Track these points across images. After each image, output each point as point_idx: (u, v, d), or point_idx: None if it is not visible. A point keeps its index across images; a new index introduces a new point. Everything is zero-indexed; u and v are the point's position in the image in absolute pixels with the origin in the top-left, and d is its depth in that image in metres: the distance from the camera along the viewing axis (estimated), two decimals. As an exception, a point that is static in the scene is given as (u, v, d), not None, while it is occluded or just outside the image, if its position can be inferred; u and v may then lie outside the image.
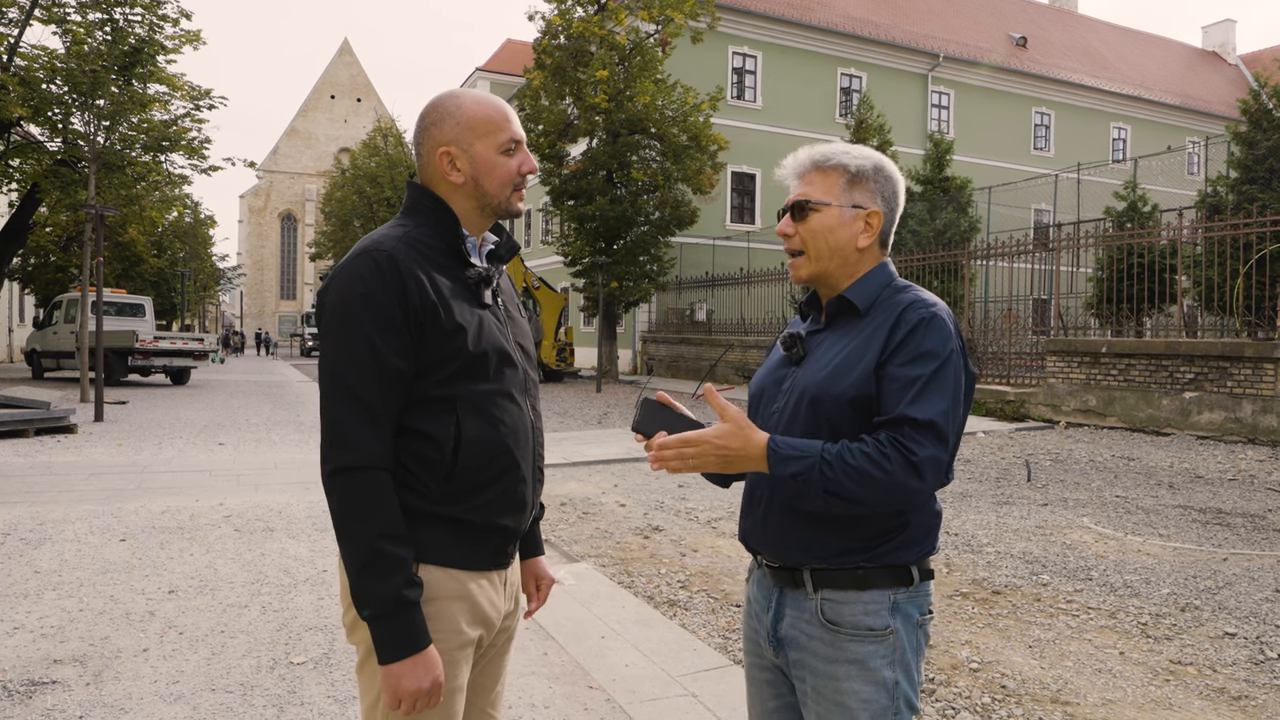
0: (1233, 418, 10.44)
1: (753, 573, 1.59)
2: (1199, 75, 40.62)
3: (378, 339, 1.34)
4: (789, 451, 1.32)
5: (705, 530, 5.82)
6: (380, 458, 1.35)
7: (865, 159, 1.49)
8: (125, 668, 3.25)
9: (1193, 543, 5.53)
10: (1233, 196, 15.21)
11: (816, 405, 1.39)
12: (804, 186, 1.50)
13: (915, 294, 1.44)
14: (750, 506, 1.52)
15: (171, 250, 34.85)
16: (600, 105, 20.20)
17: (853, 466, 1.28)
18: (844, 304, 1.47)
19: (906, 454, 1.28)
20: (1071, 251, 13.82)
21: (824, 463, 1.29)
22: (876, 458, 1.28)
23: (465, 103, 1.48)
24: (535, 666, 3.34)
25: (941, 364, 1.34)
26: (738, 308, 22.30)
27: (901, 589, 1.40)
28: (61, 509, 6.05)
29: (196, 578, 4.47)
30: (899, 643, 1.38)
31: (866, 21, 30.06)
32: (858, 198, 1.47)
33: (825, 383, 1.40)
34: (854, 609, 1.38)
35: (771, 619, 1.48)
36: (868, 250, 1.49)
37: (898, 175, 1.52)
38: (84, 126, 15.20)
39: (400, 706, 1.33)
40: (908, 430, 1.30)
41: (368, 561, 1.32)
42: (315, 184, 74.03)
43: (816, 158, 1.49)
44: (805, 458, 1.31)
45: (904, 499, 1.31)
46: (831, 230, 1.47)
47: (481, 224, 1.53)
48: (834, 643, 1.39)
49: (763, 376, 1.58)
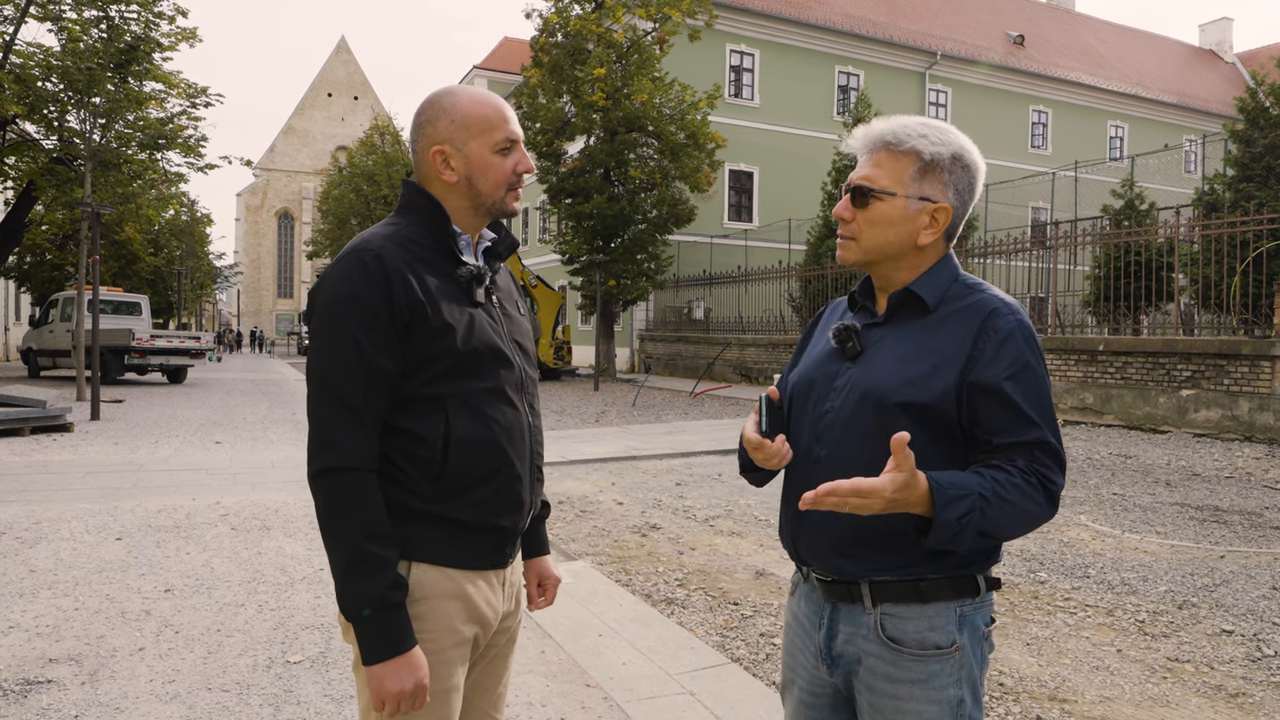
0: (1230, 415, 10.46)
1: (798, 586, 1.47)
2: (1196, 73, 40.65)
3: (363, 339, 1.34)
4: (954, 493, 1.18)
5: (703, 528, 5.82)
6: (365, 458, 1.34)
7: (943, 145, 1.33)
8: (121, 667, 3.24)
9: (1190, 540, 5.53)
10: (1230, 194, 15.21)
11: (882, 406, 1.28)
12: (870, 168, 1.35)
13: (992, 294, 1.33)
14: (797, 513, 1.36)
15: (168, 249, 34.80)
16: (598, 103, 20.18)
17: (1009, 503, 1.19)
18: (910, 297, 1.35)
19: (1048, 485, 1.22)
20: (1069, 249, 13.83)
21: (983, 500, 1.18)
22: (1029, 491, 1.20)
23: (461, 100, 1.46)
24: (533, 665, 3.33)
25: (1045, 378, 1.27)
26: (735, 306, 22.29)
27: (968, 600, 1.30)
28: (57, 508, 6.03)
29: (193, 576, 4.46)
30: (965, 659, 1.29)
31: (864, 20, 30.05)
32: (928, 189, 1.33)
33: (894, 385, 1.28)
34: (918, 624, 1.28)
35: (825, 635, 1.37)
36: (931, 245, 1.36)
37: (978, 163, 1.36)
38: (80, 124, 15.17)
39: (384, 708, 1.32)
40: (1039, 455, 1.22)
41: (352, 562, 1.31)
42: (312, 182, 73.90)
43: (889, 137, 1.34)
44: (967, 498, 1.18)
45: (1036, 528, 1.26)
46: (891, 223, 1.33)
47: (476, 223, 1.52)
48: (896, 661, 1.29)
49: (809, 369, 1.43)
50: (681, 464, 8.68)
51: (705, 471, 8.20)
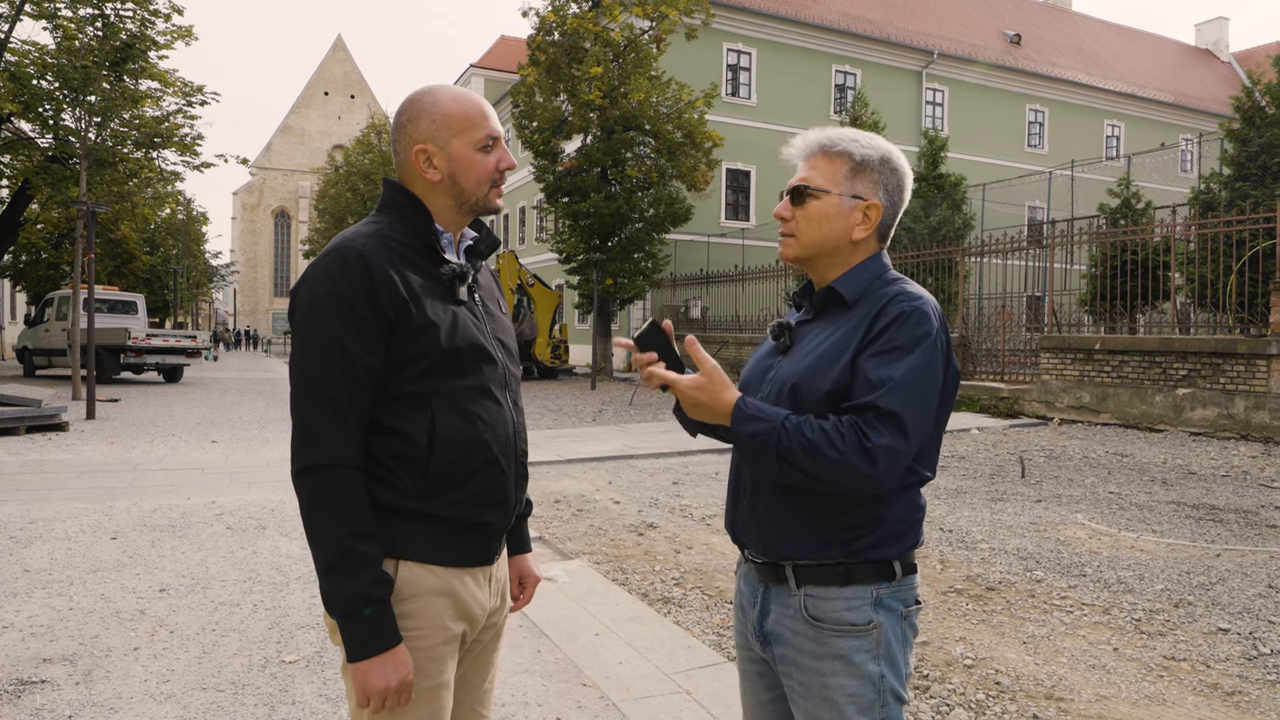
0: (1225, 414, 10.48)
1: (740, 566, 1.58)
2: (1192, 73, 40.73)
3: (346, 337, 1.34)
4: (753, 411, 1.33)
5: (699, 527, 5.81)
6: (349, 456, 1.34)
7: (872, 148, 1.45)
8: (115, 667, 3.23)
9: (1186, 539, 5.54)
10: (1226, 193, 15.26)
11: (797, 396, 1.38)
12: (807, 170, 1.47)
13: (902, 286, 1.41)
14: (736, 498, 1.51)
15: (164, 247, 34.75)
16: (595, 102, 20.16)
17: (808, 439, 1.28)
18: (832, 295, 1.46)
19: (862, 438, 1.27)
20: (1065, 248, 13.84)
21: (783, 430, 1.30)
22: (833, 436, 1.28)
23: (442, 99, 1.46)
24: (528, 664, 3.32)
25: (917, 357, 1.32)
26: (732, 305, 22.29)
27: (884, 584, 1.39)
28: (52, 507, 6.01)
29: (188, 576, 4.44)
30: (883, 636, 1.38)
31: (861, 18, 30.06)
32: (859, 188, 1.44)
33: (806, 374, 1.39)
34: (836, 605, 1.38)
35: (758, 614, 1.48)
36: (863, 242, 1.46)
37: (905, 168, 1.49)
38: (75, 123, 15.12)
39: (369, 704, 1.33)
40: (870, 417, 1.29)
41: (336, 560, 1.31)
42: (309, 181, 73.84)
43: (824, 141, 1.46)
44: (767, 421, 1.32)
45: (854, 483, 1.29)
46: (827, 219, 1.44)
47: (459, 221, 1.52)
48: (818, 639, 1.39)
49: (751, 366, 1.57)
50: (678, 463, 8.68)
51: (702, 470, 8.20)
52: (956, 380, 1.42)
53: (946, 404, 1.41)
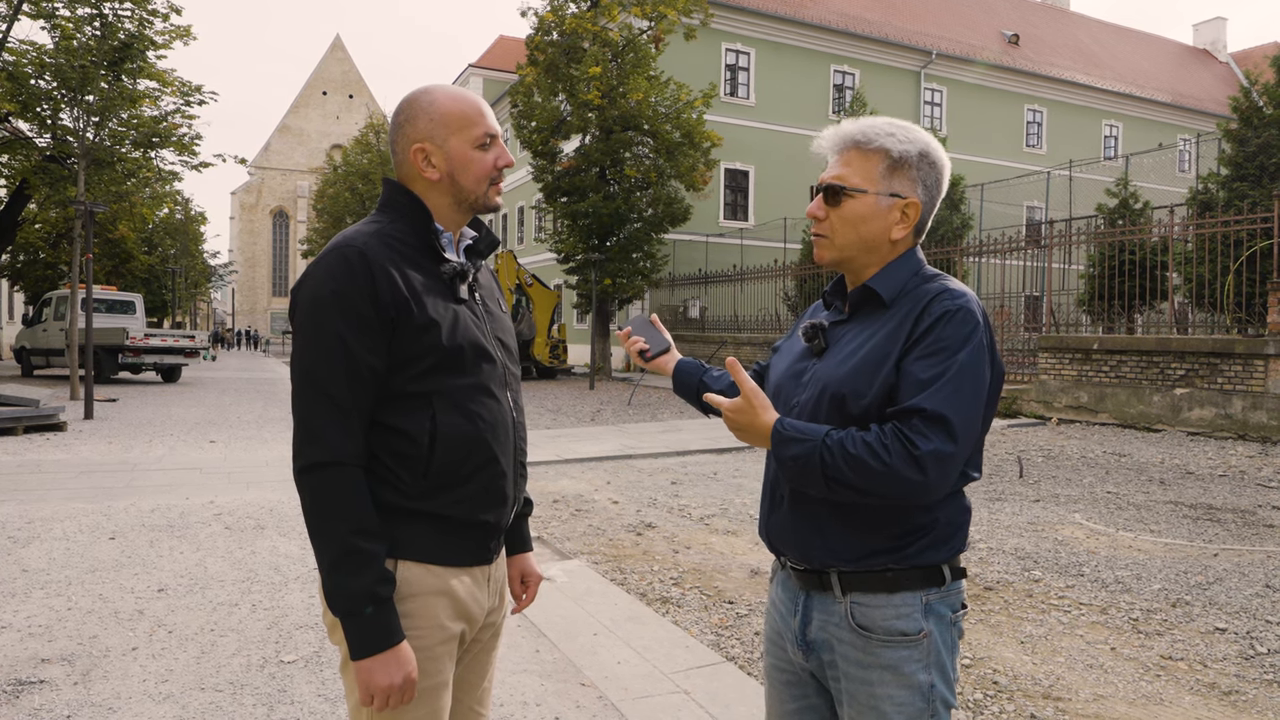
0: (1223, 414, 10.49)
1: (776, 573, 1.53)
2: (1190, 73, 40.76)
3: (349, 336, 1.34)
4: (792, 433, 1.29)
5: (698, 527, 5.82)
6: (351, 454, 1.35)
7: (910, 142, 1.38)
8: (114, 667, 3.22)
9: (1184, 538, 5.55)
10: (1224, 194, 15.27)
11: (839, 402, 1.33)
12: (840, 166, 1.40)
13: (943, 283, 1.36)
14: (772, 504, 1.46)
15: (162, 247, 34.70)
16: (593, 102, 20.15)
17: (852, 455, 1.23)
18: (868, 294, 1.39)
19: (909, 446, 1.22)
20: (1063, 248, 13.85)
21: (825, 448, 1.25)
22: (877, 448, 1.23)
23: (439, 98, 1.46)
24: (527, 664, 3.33)
25: (963, 357, 1.27)
26: (731, 305, 22.30)
27: (933, 589, 1.34)
28: (50, 507, 6.01)
29: (186, 576, 4.44)
30: (933, 644, 1.33)
31: (859, 19, 30.07)
32: (897, 185, 1.37)
33: (849, 379, 1.33)
34: (885, 613, 1.33)
35: (799, 622, 1.43)
36: (901, 242, 1.41)
37: (944, 160, 1.42)
38: (73, 122, 15.10)
39: (373, 702, 1.33)
40: (915, 422, 1.23)
41: (340, 558, 1.32)
42: (307, 180, 73.76)
43: (858, 136, 1.39)
44: (806, 441, 1.27)
45: (905, 492, 1.24)
46: (864, 220, 1.38)
47: (459, 219, 1.52)
48: (866, 648, 1.34)
49: (782, 371, 1.50)
50: (677, 463, 8.68)
51: (701, 470, 8.20)
52: (1001, 379, 1.36)
53: (992, 404, 1.35)
